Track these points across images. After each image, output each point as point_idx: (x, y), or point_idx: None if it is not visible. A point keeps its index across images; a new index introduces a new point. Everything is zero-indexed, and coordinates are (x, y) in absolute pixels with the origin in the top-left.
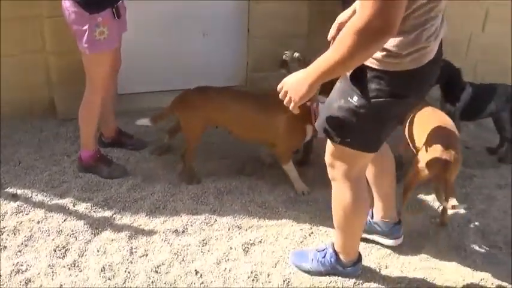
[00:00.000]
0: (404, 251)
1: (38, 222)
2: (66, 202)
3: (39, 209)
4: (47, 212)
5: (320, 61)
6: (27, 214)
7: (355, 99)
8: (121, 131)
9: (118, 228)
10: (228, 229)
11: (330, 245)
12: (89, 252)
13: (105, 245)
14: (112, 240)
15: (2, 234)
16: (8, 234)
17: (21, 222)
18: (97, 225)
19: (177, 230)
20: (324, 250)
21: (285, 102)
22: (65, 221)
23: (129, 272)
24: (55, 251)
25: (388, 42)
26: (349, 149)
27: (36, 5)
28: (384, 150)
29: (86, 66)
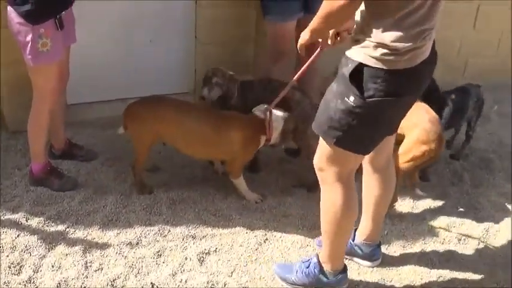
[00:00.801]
0: None
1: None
2: (19, 217)
3: None
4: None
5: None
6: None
7: (352, 99)
8: (71, 142)
9: (72, 242)
10: (182, 239)
11: (314, 255)
12: (44, 268)
13: (60, 260)
14: (66, 255)
15: None
16: None
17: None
18: (51, 240)
19: (131, 242)
20: (308, 260)
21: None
22: (18, 236)
23: (84, 287)
24: (10, 267)
25: (387, 37)
26: (341, 151)
27: None
28: (390, 173)
29: (32, 79)
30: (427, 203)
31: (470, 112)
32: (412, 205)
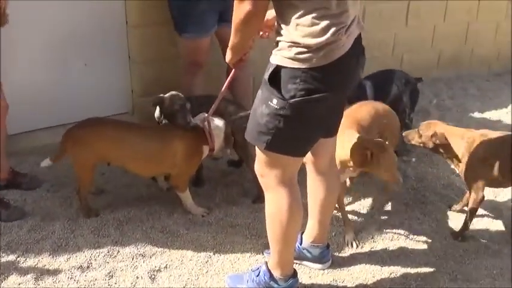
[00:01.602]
0: None
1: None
2: None
3: None
4: None
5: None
6: None
7: (275, 102)
8: (14, 171)
9: (23, 271)
10: (132, 258)
11: (263, 262)
12: None
13: None
14: (19, 284)
15: None
16: None
17: None
18: (2, 271)
19: (81, 266)
20: (257, 269)
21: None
22: None
23: None
24: None
25: (297, 35)
26: (277, 154)
27: None
28: (334, 174)
29: None
30: (373, 201)
31: (395, 90)
32: (358, 204)
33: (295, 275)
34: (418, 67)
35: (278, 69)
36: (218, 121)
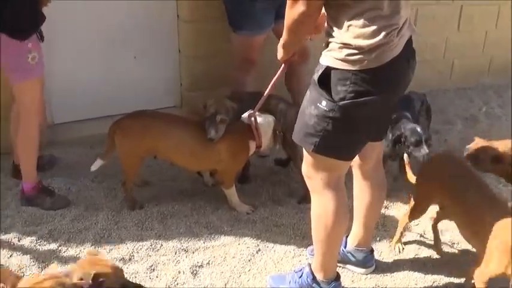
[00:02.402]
0: None
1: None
2: (11, 237)
3: None
4: None
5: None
6: None
7: (324, 104)
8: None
9: (64, 261)
10: (175, 253)
11: (306, 264)
12: None
13: None
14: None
15: None
16: None
17: None
18: (43, 259)
19: (123, 258)
20: (300, 270)
21: None
22: (11, 256)
23: None
24: None
25: (349, 37)
26: (324, 157)
27: None
28: (381, 178)
29: (20, 97)
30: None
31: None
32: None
33: (338, 278)
34: (469, 73)
35: (328, 71)
36: (266, 118)
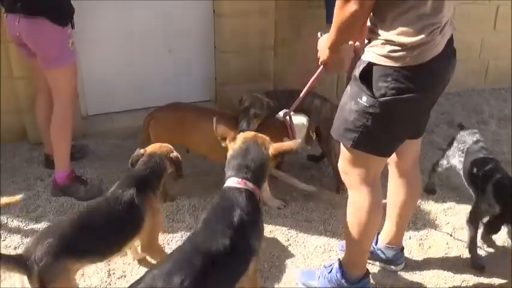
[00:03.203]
0: None
1: (14, 248)
2: (42, 226)
3: (15, 234)
4: (24, 237)
5: (327, 38)
6: (4, 240)
7: (365, 99)
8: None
9: None
10: None
11: (336, 260)
12: None
13: (83, 268)
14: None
15: None
16: None
17: None
18: None
19: None
20: (330, 266)
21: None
22: None
23: None
24: None
25: (393, 33)
26: (361, 153)
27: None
28: (416, 177)
29: (56, 84)
30: (449, 206)
31: None
32: (435, 209)
33: (367, 275)
34: (504, 73)
35: (370, 66)
36: (301, 118)
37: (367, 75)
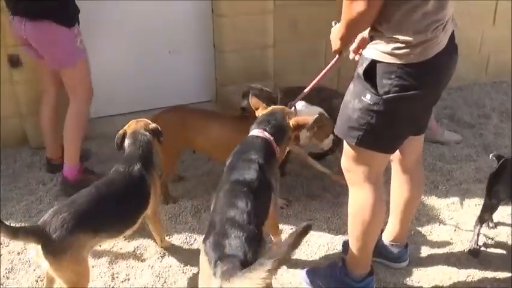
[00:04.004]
0: None
1: (18, 254)
2: None
3: None
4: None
5: (337, 30)
6: (7, 246)
7: (368, 97)
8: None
9: (98, 254)
10: None
11: (340, 259)
12: None
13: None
14: (93, 267)
15: None
16: None
17: (1, 255)
18: None
19: (157, 251)
20: (334, 265)
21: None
22: None
23: None
24: (37, 281)
25: (398, 31)
26: (365, 150)
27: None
28: (420, 174)
29: (71, 82)
30: (452, 201)
31: None
32: (438, 204)
33: (371, 273)
34: (504, 67)
35: (373, 64)
36: (311, 108)
37: (370, 73)
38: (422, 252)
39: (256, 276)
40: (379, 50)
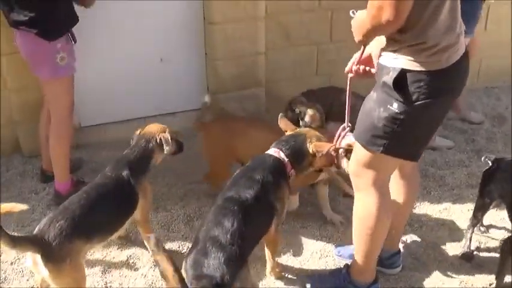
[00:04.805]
0: None
1: (11, 264)
2: None
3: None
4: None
5: (360, 25)
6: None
7: (396, 106)
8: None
9: (91, 263)
10: None
11: (344, 266)
12: None
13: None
14: (86, 276)
15: None
16: None
17: None
18: None
19: (150, 260)
20: (338, 272)
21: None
22: None
23: None
24: None
25: (420, 38)
26: (378, 156)
27: None
28: (417, 179)
29: (50, 97)
30: (445, 207)
31: None
32: (430, 210)
33: (376, 280)
34: (496, 72)
35: (403, 73)
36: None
37: (399, 82)
38: (415, 258)
39: None
40: (407, 58)
